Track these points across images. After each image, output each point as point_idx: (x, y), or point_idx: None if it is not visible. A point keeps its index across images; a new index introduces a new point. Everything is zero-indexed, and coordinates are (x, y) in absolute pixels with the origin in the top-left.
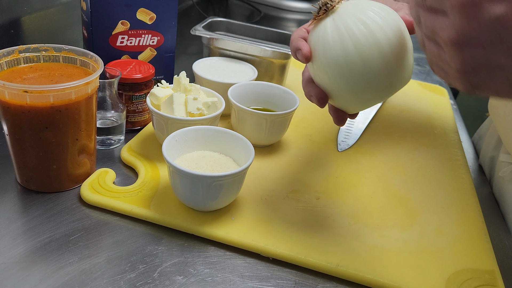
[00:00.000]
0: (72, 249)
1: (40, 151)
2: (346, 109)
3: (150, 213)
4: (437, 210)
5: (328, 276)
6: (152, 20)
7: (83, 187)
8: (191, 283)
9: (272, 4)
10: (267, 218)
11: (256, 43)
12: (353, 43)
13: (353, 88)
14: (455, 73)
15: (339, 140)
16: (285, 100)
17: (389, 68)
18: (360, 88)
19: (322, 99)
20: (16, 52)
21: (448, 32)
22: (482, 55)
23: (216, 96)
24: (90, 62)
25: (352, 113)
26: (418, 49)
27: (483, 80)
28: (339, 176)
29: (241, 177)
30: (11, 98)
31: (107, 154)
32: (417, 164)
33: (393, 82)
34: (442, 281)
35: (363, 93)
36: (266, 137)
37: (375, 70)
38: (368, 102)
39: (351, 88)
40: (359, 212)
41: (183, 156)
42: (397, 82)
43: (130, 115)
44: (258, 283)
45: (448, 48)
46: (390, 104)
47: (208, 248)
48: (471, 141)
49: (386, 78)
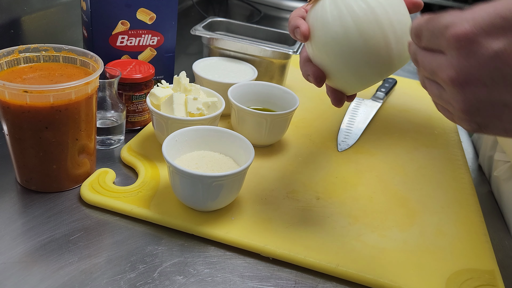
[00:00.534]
0: (72, 249)
1: (40, 151)
2: (345, 89)
3: (150, 213)
4: (437, 210)
5: (328, 276)
6: (152, 20)
7: (83, 187)
8: (191, 283)
9: (272, 4)
10: (267, 218)
11: (256, 43)
12: (353, 20)
13: (353, 67)
14: (459, 113)
15: (339, 140)
16: (285, 100)
17: (389, 45)
18: (360, 66)
19: (319, 77)
20: (16, 52)
21: (448, 71)
22: (485, 93)
23: (216, 96)
24: (90, 62)
25: (351, 94)
26: None
27: (489, 119)
28: (339, 176)
29: (241, 177)
30: (11, 98)
31: (107, 154)
32: (417, 164)
33: (393, 60)
34: (442, 281)
35: (363, 72)
36: (266, 137)
37: (375, 47)
38: (367, 81)
39: (351, 66)
40: (359, 212)
41: (183, 156)
42: (397, 60)
43: (130, 115)
44: (258, 283)
45: (449, 88)
46: (390, 104)
47: (208, 248)
48: (471, 140)
49: (387, 56)
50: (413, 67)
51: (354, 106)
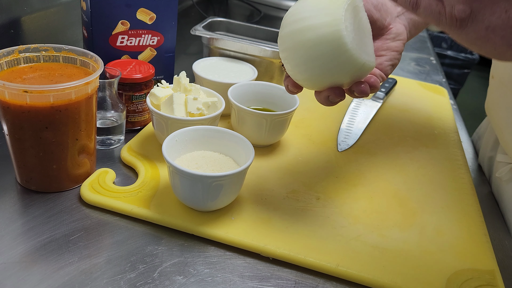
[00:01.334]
0: (72, 249)
1: (40, 151)
2: (358, 78)
3: (150, 213)
4: (437, 210)
5: (328, 276)
6: (152, 20)
7: (83, 187)
8: (191, 283)
9: (272, 4)
10: (267, 218)
11: (256, 43)
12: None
13: (305, 74)
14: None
15: (339, 140)
16: (285, 100)
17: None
18: (308, 72)
19: (293, 86)
20: (16, 52)
21: None
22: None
23: (216, 96)
24: (90, 62)
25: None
26: (418, 50)
27: (484, 6)
28: (339, 176)
29: (241, 177)
30: (11, 98)
31: (107, 154)
32: (417, 164)
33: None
34: (442, 281)
35: (313, 77)
36: (266, 137)
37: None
38: (321, 82)
39: (303, 75)
40: (359, 212)
41: (183, 156)
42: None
43: (130, 115)
44: (258, 283)
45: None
46: (390, 104)
47: (208, 248)
48: (471, 140)
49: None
50: (413, 67)
51: (354, 106)
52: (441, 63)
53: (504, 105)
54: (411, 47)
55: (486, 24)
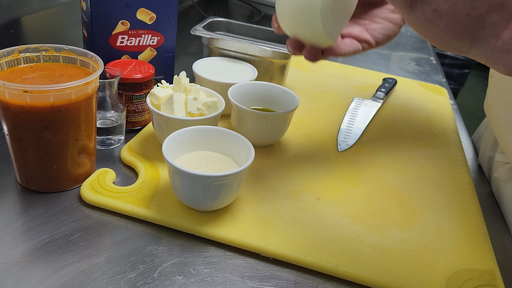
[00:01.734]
0: (72, 249)
1: (40, 151)
2: (316, 44)
3: (150, 213)
4: (437, 210)
5: (328, 276)
6: (152, 20)
7: (83, 187)
8: (191, 283)
9: (272, 4)
10: (267, 218)
11: (256, 43)
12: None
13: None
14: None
15: (339, 140)
16: (285, 100)
17: None
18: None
19: (295, 44)
20: (16, 52)
21: None
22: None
23: (216, 96)
24: (90, 62)
25: (324, 47)
26: (418, 50)
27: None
28: (339, 176)
29: (241, 177)
30: (11, 98)
31: (107, 154)
32: (417, 164)
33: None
34: (442, 281)
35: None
36: (266, 137)
37: None
38: (321, 32)
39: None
40: (359, 212)
41: (183, 156)
42: None
43: (130, 115)
44: (258, 283)
45: None
46: (390, 104)
47: (208, 248)
48: (471, 140)
49: None
50: (413, 67)
51: (354, 106)
52: (441, 63)
53: (503, 104)
54: (411, 47)
55: (434, 7)
